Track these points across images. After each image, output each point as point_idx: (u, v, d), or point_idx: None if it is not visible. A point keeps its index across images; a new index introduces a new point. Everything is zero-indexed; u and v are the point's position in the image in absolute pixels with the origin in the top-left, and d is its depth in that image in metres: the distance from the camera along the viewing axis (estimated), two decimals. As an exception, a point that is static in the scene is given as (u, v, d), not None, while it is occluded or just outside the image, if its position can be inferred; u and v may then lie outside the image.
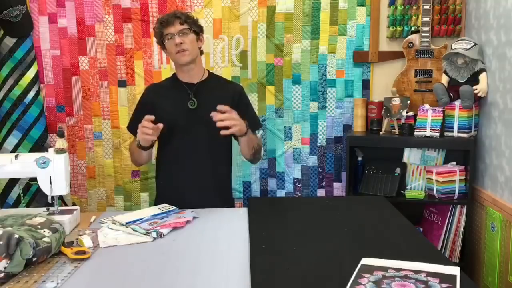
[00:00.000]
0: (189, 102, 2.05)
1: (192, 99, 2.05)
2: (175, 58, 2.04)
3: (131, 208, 2.69)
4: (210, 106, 1.87)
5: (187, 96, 2.06)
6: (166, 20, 2.00)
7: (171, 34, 1.99)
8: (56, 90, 2.66)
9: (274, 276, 1.25)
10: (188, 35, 2.00)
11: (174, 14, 2.02)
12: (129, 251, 1.48)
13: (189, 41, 2.00)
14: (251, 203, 1.97)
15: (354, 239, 1.50)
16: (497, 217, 2.19)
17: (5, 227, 1.39)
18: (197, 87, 2.08)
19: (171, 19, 1.99)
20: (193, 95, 2.06)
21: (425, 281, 1.14)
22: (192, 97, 2.06)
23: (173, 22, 1.99)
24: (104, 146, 2.70)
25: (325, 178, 2.75)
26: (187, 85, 2.08)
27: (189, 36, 2.00)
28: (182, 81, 2.10)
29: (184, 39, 1.98)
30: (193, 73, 2.08)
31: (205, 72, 2.14)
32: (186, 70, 2.07)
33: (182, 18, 2.00)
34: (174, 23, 1.99)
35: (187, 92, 2.06)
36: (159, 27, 2.03)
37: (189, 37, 2.00)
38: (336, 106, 2.71)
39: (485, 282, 2.32)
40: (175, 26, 1.99)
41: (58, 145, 1.66)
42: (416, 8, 2.60)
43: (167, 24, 1.99)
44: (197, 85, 2.08)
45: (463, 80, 2.42)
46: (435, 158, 2.55)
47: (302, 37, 2.66)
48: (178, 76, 2.12)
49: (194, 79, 2.09)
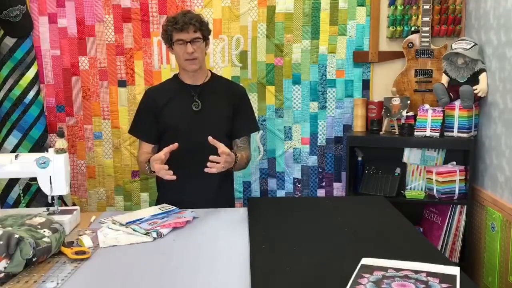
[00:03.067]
0: (193, 104, 2.05)
1: (196, 101, 2.05)
2: (183, 64, 2.02)
3: (131, 208, 2.69)
4: (214, 108, 1.87)
5: (191, 98, 2.05)
6: (181, 26, 1.93)
7: (183, 41, 1.95)
8: (56, 90, 2.66)
9: (274, 276, 1.25)
10: (200, 44, 1.98)
11: (189, 20, 1.94)
12: (129, 251, 1.48)
13: (200, 49, 1.99)
14: (251, 203, 1.97)
15: (354, 239, 1.50)
16: (497, 217, 2.19)
17: (5, 227, 1.39)
18: (201, 89, 2.08)
19: (185, 26, 1.93)
20: (197, 97, 2.06)
21: (425, 281, 1.14)
22: (196, 99, 2.05)
23: (187, 29, 1.94)
24: (104, 146, 2.70)
25: (325, 178, 2.75)
26: (190, 87, 2.07)
27: (200, 44, 1.98)
28: (185, 83, 2.09)
29: (196, 48, 1.96)
30: (197, 75, 2.07)
31: (208, 74, 2.13)
32: (191, 74, 2.06)
33: (197, 25, 1.95)
34: (189, 30, 1.94)
35: (191, 94, 2.06)
36: (171, 29, 1.97)
37: (201, 46, 1.99)
38: (336, 106, 2.71)
39: (485, 282, 2.32)
40: (189, 33, 1.94)
41: (58, 145, 1.66)
42: (416, 8, 2.60)
43: (181, 30, 1.94)
44: (201, 87, 2.08)
45: (463, 80, 2.42)
46: (435, 158, 2.55)
47: (302, 37, 2.66)
48: (181, 78, 2.11)
49: (198, 81, 2.08)
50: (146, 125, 2.10)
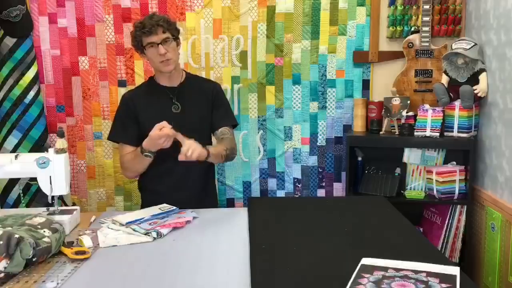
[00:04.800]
0: (172, 106, 2.04)
1: (176, 103, 2.04)
2: (158, 67, 2.00)
3: (131, 208, 2.69)
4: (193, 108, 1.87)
5: (169, 100, 2.04)
6: (149, 29, 1.92)
7: (153, 43, 1.94)
8: (56, 90, 2.66)
9: (274, 276, 1.25)
10: (170, 43, 1.97)
11: (156, 22, 1.93)
12: (129, 251, 1.48)
13: (172, 49, 1.97)
14: (251, 203, 1.97)
15: (354, 239, 1.50)
16: (497, 217, 2.19)
17: (5, 227, 1.39)
18: (178, 91, 2.07)
19: (153, 28, 1.92)
20: (175, 99, 2.05)
21: (425, 281, 1.14)
22: (175, 101, 2.05)
23: (156, 31, 1.92)
24: (104, 146, 2.70)
25: (325, 178, 2.75)
26: (168, 89, 2.06)
27: (171, 44, 1.97)
28: (161, 85, 2.07)
29: (168, 48, 1.95)
30: (173, 76, 2.07)
31: (183, 74, 2.13)
32: (167, 75, 2.05)
33: (165, 26, 1.94)
34: (157, 32, 1.93)
35: (169, 97, 2.05)
36: (139, 34, 1.96)
37: (172, 45, 1.97)
38: (336, 106, 2.71)
39: (485, 282, 2.32)
40: (158, 35, 1.93)
41: (58, 145, 1.66)
42: (416, 8, 2.60)
43: (150, 33, 1.93)
44: (178, 88, 2.07)
45: (463, 80, 2.42)
46: (435, 158, 2.55)
47: (302, 37, 2.65)
48: (157, 80, 2.09)
49: (174, 82, 2.08)
50: (128, 128, 2.05)
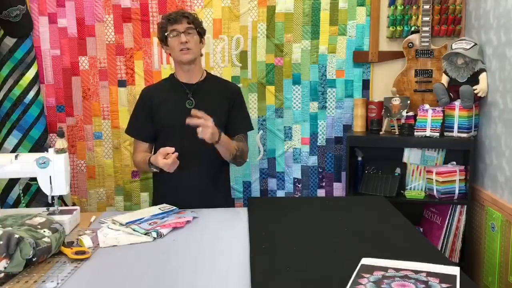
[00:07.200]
0: (186, 102, 2.06)
1: (190, 99, 2.06)
2: (177, 56, 2.03)
3: (131, 208, 2.69)
4: (208, 106, 1.87)
5: (185, 96, 2.06)
6: (174, 18, 2.00)
7: (177, 31, 2.00)
8: (56, 90, 2.66)
9: (274, 276, 1.25)
10: (193, 35, 2.02)
11: (182, 13, 2.03)
12: (129, 251, 1.48)
13: (194, 41, 2.02)
14: (251, 203, 1.97)
15: (354, 239, 1.50)
16: (497, 217, 2.19)
17: (5, 227, 1.39)
18: (196, 87, 2.09)
19: (179, 17, 2.00)
20: (191, 95, 2.06)
21: (425, 281, 1.14)
22: (190, 96, 2.06)
23: (181, 20, 2.00)
24: (104, 146, 2.70)
25: (325, 178, 2.75)
26: (185, 85, 2.08)
27: (194, 36, 2.02)
28: (180, 81, 2.10)
29: (189, 39, 2.00)
30: (192, 73, 2.09)
31: (203, 73, 2.14)
32: (186, 70, 2.07)
33: (190, 18, 2.02)
34: (182, 21, 2.00)
35: (186, 92, 2.07)
36: (165, 22, 2.03)
37: (194, 38, 2.02)
38: (336, 106, 2.71)
39: (485, 282, 2.32)
40: (182, 24, 2.00)
41: (58, 145, 1.66)
42: (416, 8, 2.60)
43: (174, 21, 2.00)
44: (196, 85, 2.09)
45: (463, 80, 2.42)
46: (435, 158, 2.55)
47: (302, 37, 2.66)
48: (177, 76, 2.12)
49: (193, 79, 2.09)
50: (143, 125, 2.10)
